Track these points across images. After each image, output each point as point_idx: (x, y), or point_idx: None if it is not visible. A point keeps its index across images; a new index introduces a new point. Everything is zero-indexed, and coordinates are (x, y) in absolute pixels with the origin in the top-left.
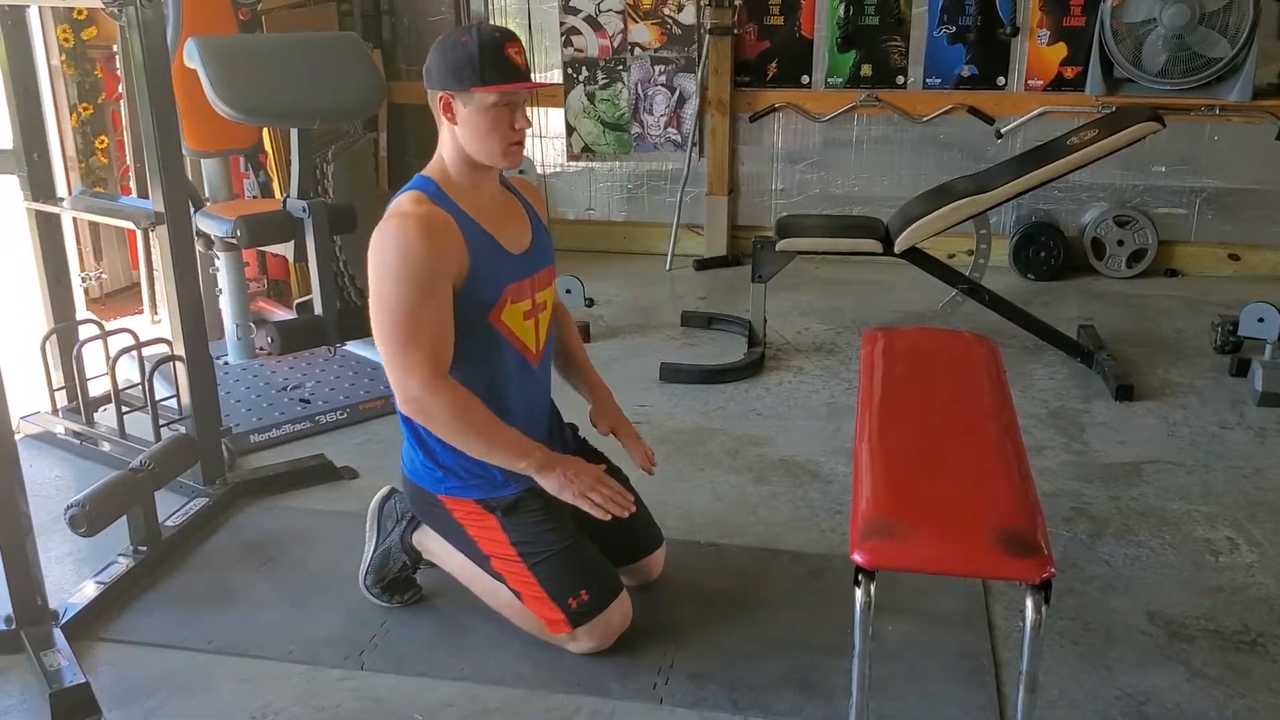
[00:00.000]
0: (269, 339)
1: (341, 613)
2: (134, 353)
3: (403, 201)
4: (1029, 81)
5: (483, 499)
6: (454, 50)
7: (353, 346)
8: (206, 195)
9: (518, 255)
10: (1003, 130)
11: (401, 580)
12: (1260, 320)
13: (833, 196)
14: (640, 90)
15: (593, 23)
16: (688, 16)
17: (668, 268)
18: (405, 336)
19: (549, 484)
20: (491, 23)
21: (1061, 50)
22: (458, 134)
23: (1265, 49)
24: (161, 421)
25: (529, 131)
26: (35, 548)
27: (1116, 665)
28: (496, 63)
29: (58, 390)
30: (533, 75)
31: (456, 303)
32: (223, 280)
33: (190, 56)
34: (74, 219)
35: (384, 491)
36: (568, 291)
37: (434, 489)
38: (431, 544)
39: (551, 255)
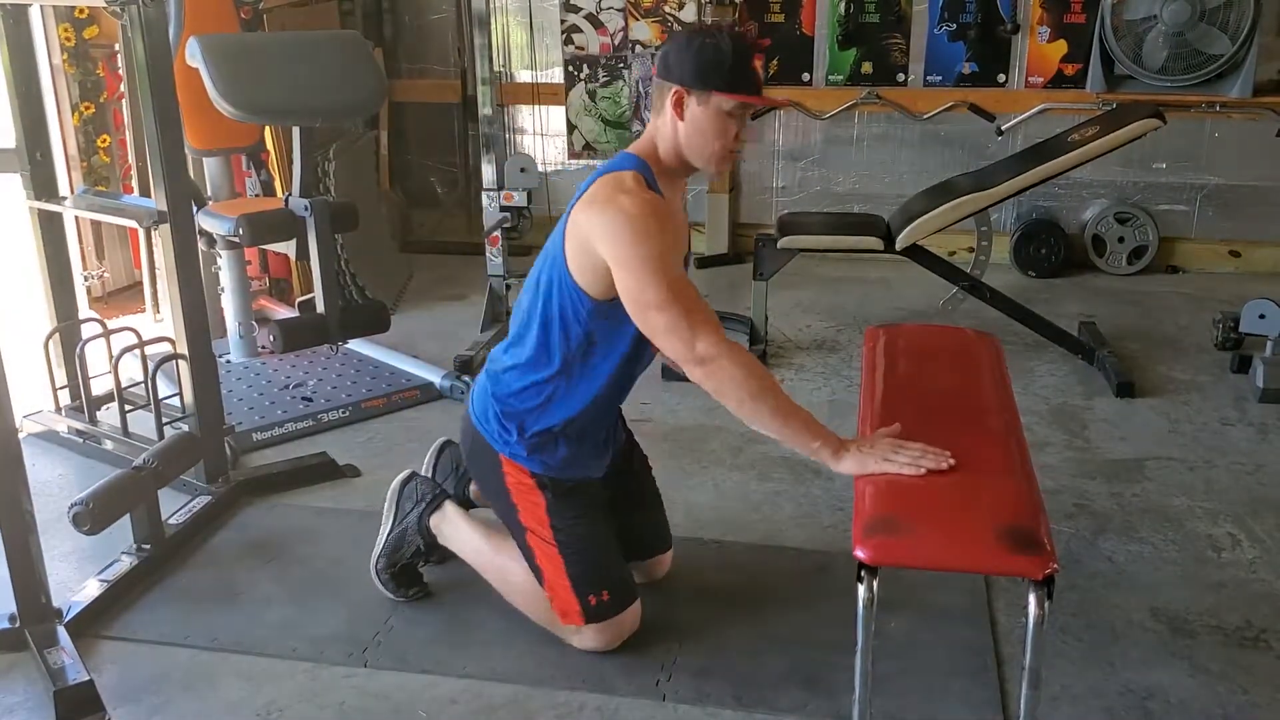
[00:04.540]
0: (271, 337)
1: (345, 610)
2: (137, 351)
3: (627, 180)
4: (1030, 79)
5: (540, 474)
6: (703, 50)
7: (355, 345)
8: (209, 194)
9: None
10: (1003, 127)
11: (411, 571)
12: (1261, 317)
13: (834, 194)
14: (641, 88)
15: (594, 20)
16: (689, 14)
17: None
18: (684, 296)
19: (845, 466)
20: (736, 28)
21: (1062, 47)
22: (680, 130)
23: (1266, 45)
24: (164, 420)
25: (533, 130)
26: (39, 546)
27: (1119, 661)
28: (744, 73)
29: (61, 389)
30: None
31: None
32: (225, 279)
33: (192, 55)
34: (76, 218)
35: (405, 474)
36: None
37: (499, 447)
38: (447, 528)
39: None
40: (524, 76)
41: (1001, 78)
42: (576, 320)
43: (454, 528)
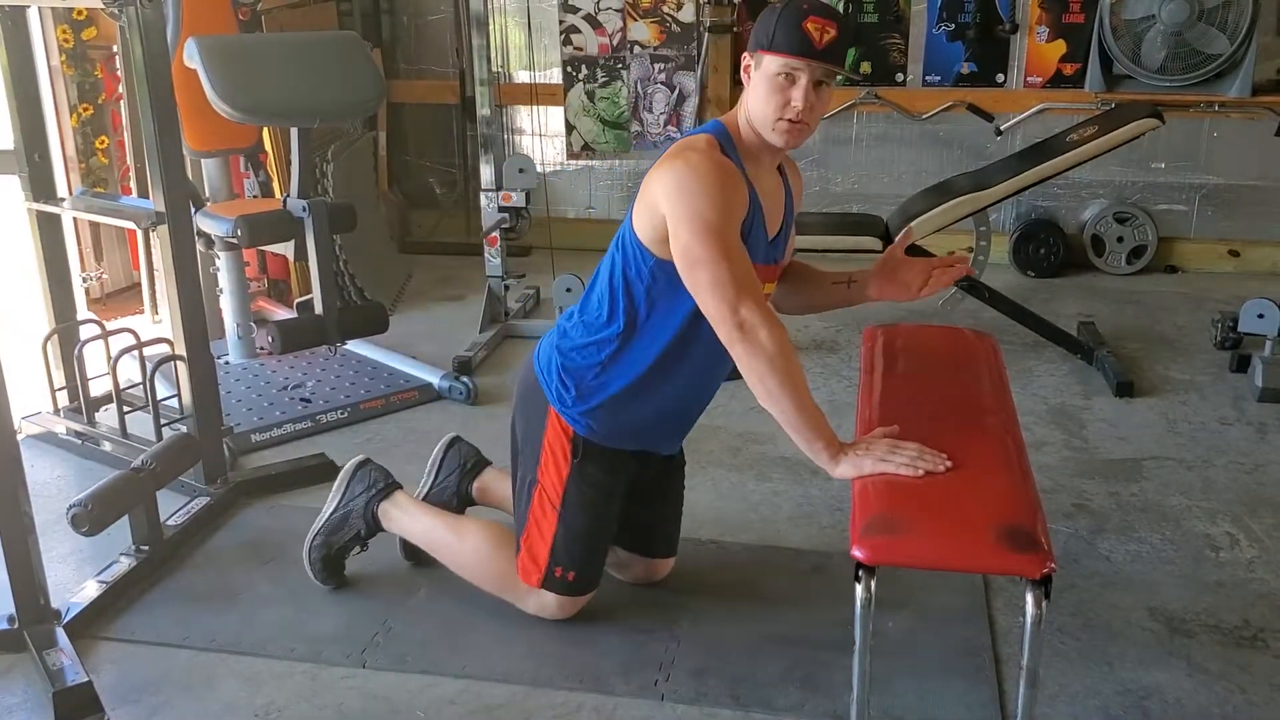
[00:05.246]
0: (269, 338)
1: (343, 611)
2: (135, 352)
3: (699, 141)
4: (1028, 78)
5: (581, 436)
6: (765, 14)
7: (353, 345)
8: (207, 195)
9: (770, 238)
10: (1002, 127)
11: (340, 561)
12: (1260, 316)
13: (833, 194)
14: (640, 88)
15: (592, 21)
16: (687, 14)
17: None
18: (734, 260)
19: (841, 471)
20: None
21: (1060, 47)
22: (748, 97)
23: (1264, 45)
24: (163, 421)
25: (532, 130)
26: (38, 547)
27: (1117, 661)
28: (788, 31)
29: (59, 390)
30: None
31: None
32: (223, 280)
33: (190, 56)
34: (75, 219)
35: (359, 458)
36: (568, 290)
37: (552, 399)
38: (396, 512)
39: (787, 249)
40: (522, 77)
41: (1000, 77)
42: (639, 278)
43: (403, 511)
